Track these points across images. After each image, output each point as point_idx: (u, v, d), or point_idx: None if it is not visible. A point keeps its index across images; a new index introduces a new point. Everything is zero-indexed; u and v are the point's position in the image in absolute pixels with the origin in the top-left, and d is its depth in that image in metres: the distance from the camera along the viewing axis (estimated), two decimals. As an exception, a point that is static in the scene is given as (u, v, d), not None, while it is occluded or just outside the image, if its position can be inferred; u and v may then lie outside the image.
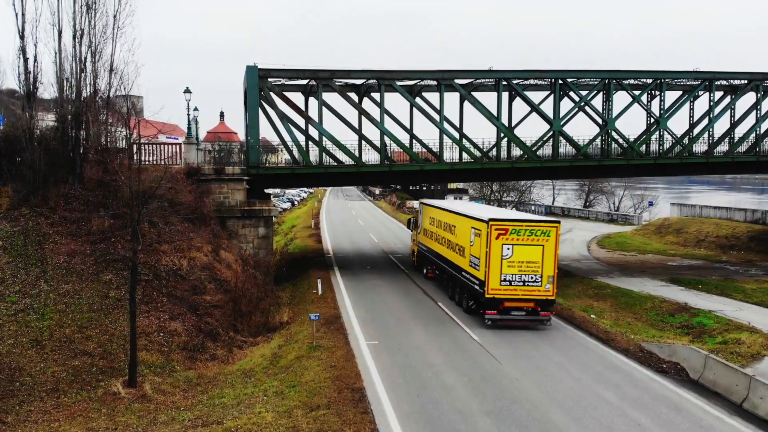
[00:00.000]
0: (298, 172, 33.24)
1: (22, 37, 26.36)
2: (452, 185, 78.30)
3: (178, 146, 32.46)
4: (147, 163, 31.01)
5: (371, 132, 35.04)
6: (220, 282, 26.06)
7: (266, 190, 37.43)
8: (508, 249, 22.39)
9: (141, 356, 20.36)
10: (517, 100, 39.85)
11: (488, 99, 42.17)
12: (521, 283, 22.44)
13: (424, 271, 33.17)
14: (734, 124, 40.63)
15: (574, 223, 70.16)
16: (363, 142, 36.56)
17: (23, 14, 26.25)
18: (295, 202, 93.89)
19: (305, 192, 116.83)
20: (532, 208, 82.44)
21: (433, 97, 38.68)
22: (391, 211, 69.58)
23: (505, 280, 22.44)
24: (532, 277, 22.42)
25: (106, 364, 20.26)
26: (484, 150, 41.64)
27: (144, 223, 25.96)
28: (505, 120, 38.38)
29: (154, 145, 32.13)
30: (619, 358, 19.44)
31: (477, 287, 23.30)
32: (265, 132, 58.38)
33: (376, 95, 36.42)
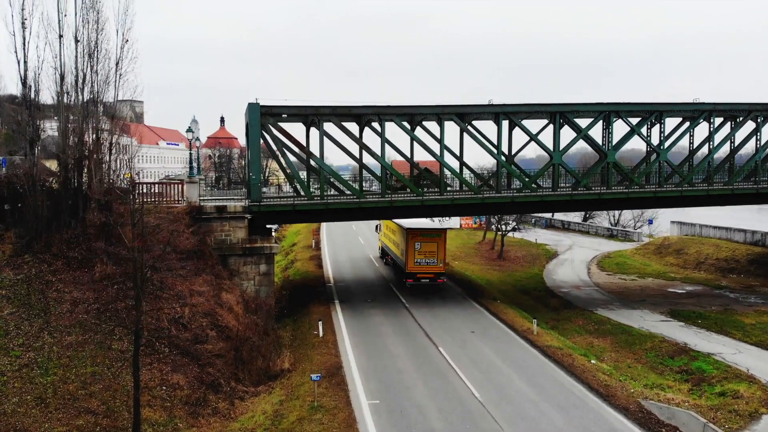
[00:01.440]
0: (300, 209, 33.36)
1: (24, 83, 26.53)
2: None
3: (180, 185, 32.56)
4: (149, 203, 31.25)
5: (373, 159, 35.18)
6: (222, 328, 26.21)
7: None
8: (419, 244, 37.60)
9: (144, 413, 20.53)
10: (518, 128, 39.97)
11: (489, 126, 42.28)
12: (426, 264, 37.66)
13: (384, 260, 48.87)
14: (733, 153, 40.78)
15: (575, 239, 70.32)
16: (366, 172, 36.98)
17: (25, 61, 26.42)
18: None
19: None
20: (532, 221, 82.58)
21: (434, 125, 38.85)
22: None
23: (416, 262, 37.59)
24: (432, 260, 37.71)
25: (110, 423, 20.43)
26: (485, 177, 41.90)
27: (147, 270, 26.22)
28: (505, 146, 38.59)
29: (156, 185, 32.16)
30: (619, 420, 19.58)
31: (403, 266, 38.68)
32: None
33: (377, 123, 36.53)
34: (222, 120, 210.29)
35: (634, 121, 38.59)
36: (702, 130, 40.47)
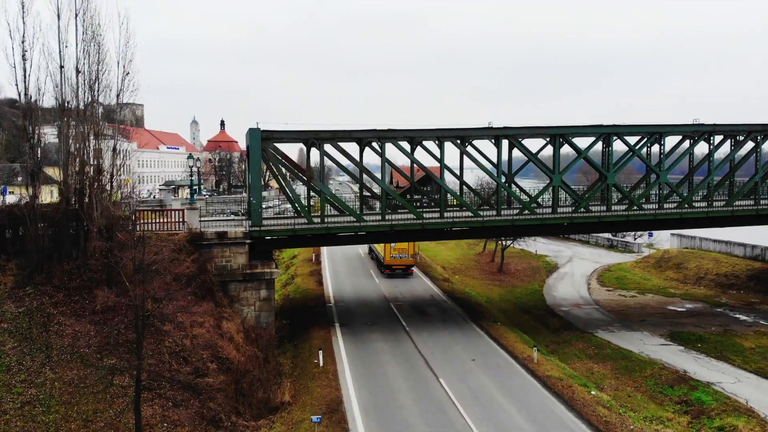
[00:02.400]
0: (300, 234, 33.43)
1: (26, 118, 26.61)
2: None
3: (181, 212, 32.61)
4: (149, 231, 31.32)
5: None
6: (222, 360, 26.28)
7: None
8: (393, 243, 46.55)
9: (145, 453, 20.63)
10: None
11: (489, 145, 42.29)
12: (399, 258, 48.51)
13: (370, 255, 58.47)
14: (733, 171, 40.83)
15: (575, 250, 70.35)
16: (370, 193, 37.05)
17: (27, 93, 26.47)
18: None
19: None
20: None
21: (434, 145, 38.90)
22: None
23: (392, 257, 48.50)
24: (404, 255, 48.45)
25: (111, 464, 20.52)
26: (485, 195, 41.97)
27: (148, 300, 26.31)
28: (505, 156, 38.64)
29: (156, 213, 32.21)
30: (618, 462, 19.64)
31: (382, 260, 49.56)
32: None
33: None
34: (222, 124, 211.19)
35: (635, 140, 38.67)
36: (701, 145, 40.52)
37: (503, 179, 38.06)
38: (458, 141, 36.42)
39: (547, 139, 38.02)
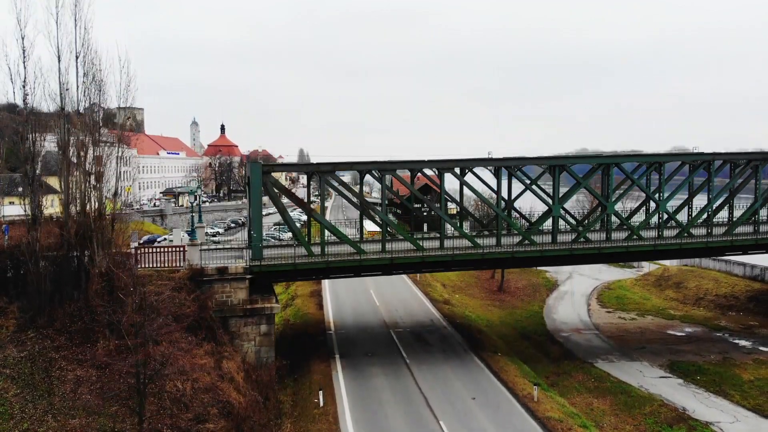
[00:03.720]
0: (301, 268, 33.53)
1: (26, 161, 26.70)
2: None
3: (181, 249, 32.69)
4: (149, 268, 31.46)
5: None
6: (223, 404, 26.36)
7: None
8: None
9: (147, 507, 20.74)
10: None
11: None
12: None
13: None
14: (732, 195, 40.93)
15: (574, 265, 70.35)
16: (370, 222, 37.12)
17: (33, 143, 26.57)
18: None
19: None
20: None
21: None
22: None
23: None
24: None
25: None
26: (484, 221, 42.05)
27: (149, 344, 26.46)
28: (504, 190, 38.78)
29: (156, 251, 32.27)
30: None
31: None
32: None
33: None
34: (222, 128, 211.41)
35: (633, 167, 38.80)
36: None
37: (504, 214, 38.15)
38: (457, 171, 36.51)
39: (546, 170, 38.09)
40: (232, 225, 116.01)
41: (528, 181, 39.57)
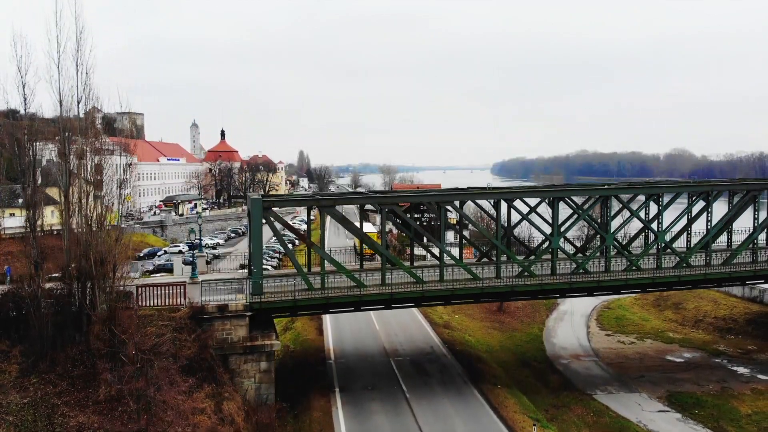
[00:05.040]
0: (301, 304, 33.70)
1: (29, 208, 26.87)
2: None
3: (182, 287, 32.81)
4: (150, 307, 31.60)
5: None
6: (225, 449, 26.56)
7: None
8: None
9: None
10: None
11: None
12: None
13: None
14: (731, 222, 41.09)
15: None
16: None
17: (34, 185, 26.73)
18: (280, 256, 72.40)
19: (302, 222, 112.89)
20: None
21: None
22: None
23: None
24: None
25: None
26: (484, 250, 42.22)
27: (150, 388, 26.65)
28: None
29: (157, 289, 32.37)
30: None
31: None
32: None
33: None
34: (222, 133, 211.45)
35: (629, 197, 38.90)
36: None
37: (503, 246, 38.30)
38: (457, 203, 36.69)
39: (545, 200, 38.27)
40: (233, 235, 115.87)
41: (529, 207, 39.93)
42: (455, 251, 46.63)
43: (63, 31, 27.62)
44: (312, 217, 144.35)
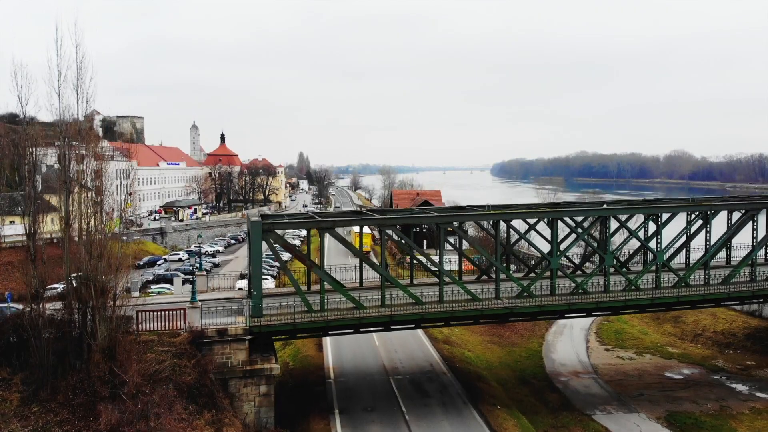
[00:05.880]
0: (301, 327, 33.80)
1: (29, 237, 26.98)
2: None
3: (182, 311, 32.90)
4: (150, 332, 31.70)
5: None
6: (225, 479, 26.66)
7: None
8: None
9: None
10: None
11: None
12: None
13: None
14: (729, 241, 41.19)
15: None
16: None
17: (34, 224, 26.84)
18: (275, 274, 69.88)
19: (298, 238, 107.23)
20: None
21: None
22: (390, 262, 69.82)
23: None
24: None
25: None
26: (483, 267, 42.30)
27: (151, 418, 26.78)
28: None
29: (156, 312, 32.43)
30: None
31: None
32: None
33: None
34: (222, 137, 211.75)
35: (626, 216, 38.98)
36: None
37: (503, 267, 38.40)
38: (456, 225, 36.79)
39: (543, 220, 38.38)
40: (233, 241, 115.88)
41: (528, 224, 40.04)
42: (454, 258, 47.31)
43: (63, 59, 27.79)
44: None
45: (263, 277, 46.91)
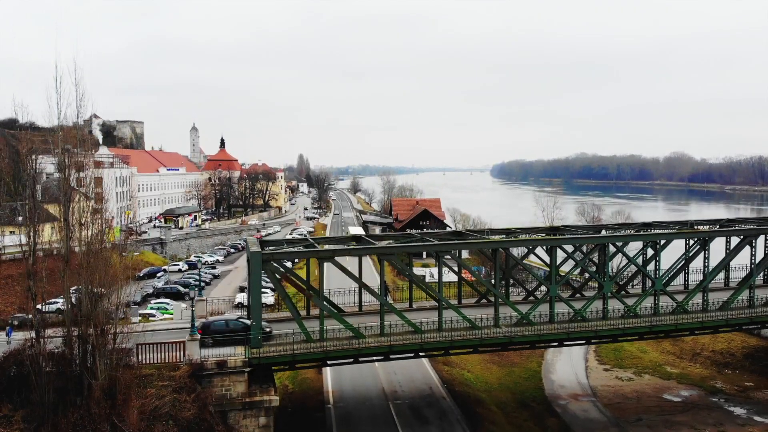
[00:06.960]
0: (300, 358, 33.89)
1: (30, 278, 27.09)
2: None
3: (181, 344, 32.98)
4: (150, 365, 31.78)
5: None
6: None
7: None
8: None
9: None
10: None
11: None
12: None
13: None
14: (727, 266, 41.36)
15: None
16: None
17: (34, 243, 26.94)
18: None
19: (302, 235, 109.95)
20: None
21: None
22: (390, 283, 69.49)
23: None
24: None
25: None
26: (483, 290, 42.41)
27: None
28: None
29: (156, 345, 32.51)
30: None
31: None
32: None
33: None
34: (222, 142, 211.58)
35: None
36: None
37: (502, 294, 38.51)
38: (456, 253, 36.90)
39: (543, 248, 38.49)
40: (232, 250, 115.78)
41: (527, 248, 40.14)
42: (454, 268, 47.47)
43: (63, 97, 27.91)
44: (311, 229, 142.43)
45: (263, 290, 47.11)
